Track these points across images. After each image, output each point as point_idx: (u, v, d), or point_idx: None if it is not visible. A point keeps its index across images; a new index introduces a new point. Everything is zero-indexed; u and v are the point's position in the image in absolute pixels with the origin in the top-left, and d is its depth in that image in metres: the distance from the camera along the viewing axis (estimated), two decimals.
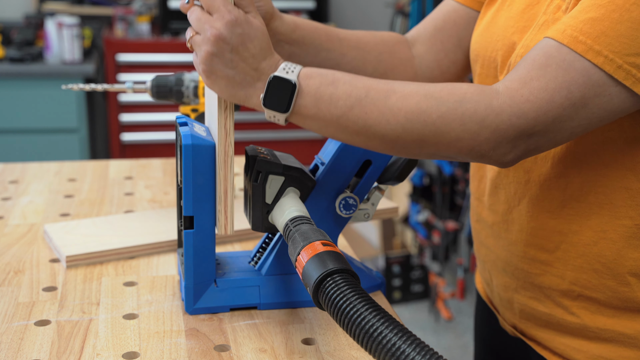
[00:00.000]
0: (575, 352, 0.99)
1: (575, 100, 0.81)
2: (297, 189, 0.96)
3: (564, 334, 1.00)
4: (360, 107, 0.84)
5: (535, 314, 1.03)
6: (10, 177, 1.55)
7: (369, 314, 0.71)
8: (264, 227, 0.97)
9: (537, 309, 1.02)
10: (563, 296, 0.99)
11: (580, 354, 0.99)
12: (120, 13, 3.52)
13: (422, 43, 1.14)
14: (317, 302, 0.77)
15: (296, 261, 0.82)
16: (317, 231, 0.84)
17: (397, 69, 1.12)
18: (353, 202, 0.99)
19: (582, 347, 0.99)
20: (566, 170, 0.94)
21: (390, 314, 0.77)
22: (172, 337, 0.92)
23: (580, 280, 0.96)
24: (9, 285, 1.06)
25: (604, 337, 0.97)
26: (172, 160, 1.70)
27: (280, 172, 0.95)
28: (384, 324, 0.69)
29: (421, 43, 1.14)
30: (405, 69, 1.13)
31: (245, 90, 0.87)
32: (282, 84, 0.84)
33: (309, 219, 0.88)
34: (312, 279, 0.77)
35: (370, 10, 4.12)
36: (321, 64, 1.06)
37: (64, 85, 1.32)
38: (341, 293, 0.73)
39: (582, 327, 0.98)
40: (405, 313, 3.21)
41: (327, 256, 0.78)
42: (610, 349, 0.97)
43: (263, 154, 0.97)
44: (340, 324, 0.73)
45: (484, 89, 0.83)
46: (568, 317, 0.99)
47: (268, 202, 0.96)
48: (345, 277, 0.75)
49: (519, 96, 0.81)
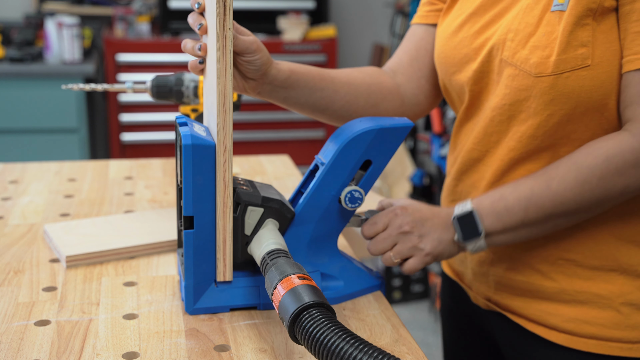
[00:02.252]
0: (551, 317, 1.03)
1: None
2: (276, 220, 0.97)
3: (540, 300, 1.04)
4: (532, 204, 0.96)
5: (512, 284, 1.07)
6: (10, 177, 1.55)
7: (346, 344, 0.72)
8: (243, 258, 0.98)
9: (514, 278, 1.06)
10: (542, 262, 1.03)
11: (556, 318, 1.03)
12: (120, 13, 3.52)
13: (402, 74, 1.20)
14: (292, 335, 0.79)
15: (272, 295, 0.83)
16: (293, 265, 0.86)
17: (387, 99, 1.17)
18: (359, 195, 0.99)
19: (557, 311, 1.03)
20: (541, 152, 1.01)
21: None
22: (172, 337, 0.92)
23: (560, 244, 1.02)
24: (8, 285, 1.06)
25: (579, 300, 1.01)
26: (172, 160, 1.70)
27: (259, 204, 0.96)
28: (362, 351, 0.71)
29: (401, 74, 1.20)
30: (394, 98, 1.18)
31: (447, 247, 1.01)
32: (465, 218, 0.98)
33: (286, 252, 0.90)
34: (289, 313, 0.78)
35: (370, 10, 4.12)
36: (316, 103, 1.11)
37: (64, 85, 1.32)
38: (317, 325, 0.75)
39: (559, 291, 1.02)
40: (405, 313, 3.21)
41: (303, 290, 0.80)
42: (586, 311, 1.01)
43: (242, 185, 0.98)
44: (318, 356, 0.74)
45: (620, 140, 0.92)
46: (545, 283, 1.03)
47: (247, 233, 0.96)
48: (321, 311, 0.77)
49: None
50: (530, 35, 0.97)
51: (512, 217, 0.97)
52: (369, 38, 4.13)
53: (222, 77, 0.91)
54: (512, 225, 0.97)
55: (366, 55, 4.15)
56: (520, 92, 0.98)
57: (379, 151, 1.00)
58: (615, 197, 0.94)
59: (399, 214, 1.00)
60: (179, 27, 3.57)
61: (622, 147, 0.92)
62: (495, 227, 0.98)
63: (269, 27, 3.71)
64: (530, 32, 0.97)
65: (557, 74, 0.94)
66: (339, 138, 0.99)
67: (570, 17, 0.93)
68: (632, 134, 0.92)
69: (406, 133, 1.00)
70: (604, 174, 0.92)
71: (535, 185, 0.96)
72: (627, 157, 0.91)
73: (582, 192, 0.93)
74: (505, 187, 0.99)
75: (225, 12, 0.89)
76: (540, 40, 0.95)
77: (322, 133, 3.74)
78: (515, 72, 0.98)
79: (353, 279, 1.06)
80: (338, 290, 1.04)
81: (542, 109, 0.97)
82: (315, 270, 1.02)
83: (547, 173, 0.96)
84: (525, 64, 0.97)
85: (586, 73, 0.93)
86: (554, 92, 0.95)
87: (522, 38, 0.98)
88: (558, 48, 0.93)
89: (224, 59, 0.91)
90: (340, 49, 4.08)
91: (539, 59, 0.95)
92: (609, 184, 0.92)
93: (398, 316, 1.01)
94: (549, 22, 0.95)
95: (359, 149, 0.98)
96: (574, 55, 0.93)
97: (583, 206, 0.95)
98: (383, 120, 1.00)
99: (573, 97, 0.95)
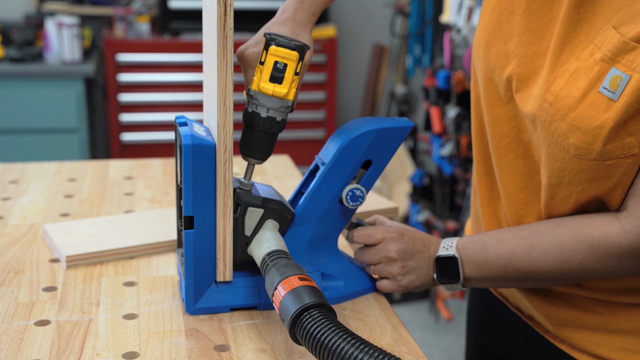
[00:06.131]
0: (596, 347, 0.99)
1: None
2: (276, 221, 0.97)
3: (582, 329, 1.00)
4: (512, 265, 0.96)
5: (548, 314, 1.04)
6: (10, 177, 1.55)
7: (347, 344, 0.72)
8: (243, 259, 0.98)
9: (549, 311, 1.03)
10: (580, 293, 1.00)
11: (602, 348, 0.99)
12: (120, 13, 3.52)
13: None
14: (293, 336, 0.79)
15: (273, 295, 0.83)
16: (294, 265, 0.86)
17: None
18: (360, 193, 0.99)
19: (603, 341, 0.99)
20: None
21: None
22: (172, 337, 0.92)
23: None
24: (9, 285, 1.05)
25: (626, 329, 0.97)
26: (172, 160, 1.70)
27: (259, 205, 0.96)
28: (363, 351, 0.71)
29: None
30: None
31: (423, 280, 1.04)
32: (448, 262, 1.00)
33: (286, 253, 0.91)
34: (289, 314, 0.78)
35: (370, 10, 4.12)
36: None
37: None
38: (318, 326, 0.75)
39: (604, 320, 0.99)
40: (405, 313, 3.21)
41: (303, 291, 0.80)
42: (635, 340, 0.97)
43: (243, 185, 0.98)
44: (319, 357, 0.74)
45: (608, 232, 0.89)
46: (584, 316, 1.00)
47: (247, 234, 0.96)
48: (322, 312, 0.77)
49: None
50: (570, 109, 0.86)
51: (491, 271, 0.98)
52: (369, 38, 4.13)
53: (223, 77, 0.91)
54: (490, 278, 0.99)
55: (366, 55, 4.15)
56: (555, 162, 0.91)
57: (380, 151, 0.99)
58: (594, 278, 0.94)
59: (393, 239, 1.02)
60: (179, 27, 3.56)
61: (609, 239, 0.89)
62: (474, 275, 1.00)
63: None
64: (571, 105, 0.86)
65: (599, 161, 0.86)
66: (340, 138, 0.99)
67: (623, 111, 0.82)
68: (623, 230, 0.88)
69: (406, 133, 1.00)
70: (585, 260, 0.91)
71: (518, 248, 0.96)
72: (611, 250, 0.89)
73: (561, 269, 0.93)
74: (489, 237, 0.99)
75: (225, 12, 0.89)
76: (582, 122, 0.85)
77: (322, 133, 3.74)
78: (551, 141, 0.89)
79: (353, 279, 1.06)
80: (338, 290, 1.04)
81: (577, 183, 0.90)
82: (316, 271, 1.02)
83: (531, 239, 0.95)
84: (564, 140, 0.87)
85: (631, 160, 0.85)
86: (592, 175, 0.88)
87: (562, 109, 0.87)
88: (604, 140, 0.84)
89: (224, 59, 0.90)
90: (340, 49, 4.08)
91: (579, 142, 0.85)
92: (588, 268, 0.91)
93: (398, 316, 1.01)
94: (594, 105, 0.84)
95: (360, 149, 0.98)
96: (621, 145, 0.84)
97: (560, 279, 0.95)
98: (383, 120, 1.00)
99: (613, 180, 0.88)
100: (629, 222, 0.87)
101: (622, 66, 0.82)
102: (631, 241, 0.87)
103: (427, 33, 3.31)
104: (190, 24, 3.57)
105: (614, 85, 0.83)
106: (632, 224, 0.87)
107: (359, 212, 1.29)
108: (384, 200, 1.39)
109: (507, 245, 0.97)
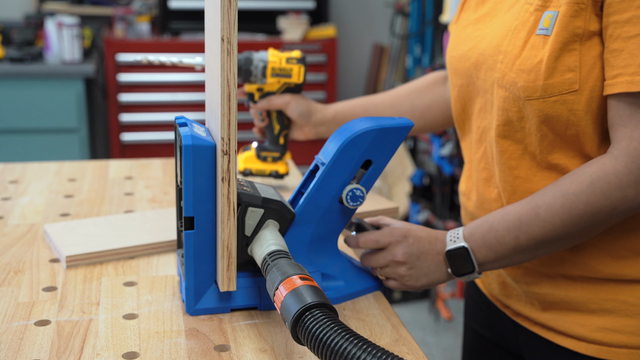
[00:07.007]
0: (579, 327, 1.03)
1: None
2: (277, 221, 0.97)
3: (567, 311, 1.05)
4: (522, 233, 0.96)
5: (537, 297, 1.08)
6: (10, 177, 1.55)
7: (349, 344, 0.72)
8: (243, 259, 0.97)
9: (538, 292, 1.07)
10: (565, 273, 1.04)
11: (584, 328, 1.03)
12: (120, 13, 3.52)
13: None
14: (295, 336, 0.79)
15: (274, 295, 0.83)
16: (294, 265, 0.86)
17: (432, 108, 1.31)
18: (360, 193, 0.99)
19: (585, 322, 1.03)
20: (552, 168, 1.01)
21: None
22: (172, 337, 0.92)
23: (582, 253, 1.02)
24: (9, 285, 1.06)
25: (607, 308, 1.01)
26: (172, 160, 1.70)
27: (259, 205, 0.96)
28: (365, 351, 0.71)
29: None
30: (439, 105, 1.31)
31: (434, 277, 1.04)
32: (459, 254, 1.00)
33: (287, 253, 0.90)
34: (291, 313, 0.78)
35: (370, 10, 4.12)
36: None
37: (135, 59, 1.37)
38: (320, 326, 0.75)
39: (586, 300, 1.03)
40: (405, 313, 3.21)
41: (305, 290, 0.80)
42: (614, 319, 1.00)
43: (243, 186, 0.98)
44: (321, 356, 0.75)
45: (602, 163, 0.92)
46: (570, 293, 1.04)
47: (247, 234, 0.96)
48: (324, 311, 0.77)
49: (633, 149, 0.91)
50: (516, 57, 0.97)
51: (503, 246, 0.98)
52: (369, 38, 4.13)
53: (226, 72, 0.88)
54: (504, 255, 0.99)
55: (366, 55, 4.15)
56: (512, 114, 1.00)
57: (380, 151, 0.99)
58: (604, 221, 0.94)
59: (399, 242, 1.02)
60: (179, 27, 3.57)
61: (605, 170, 0.91)
62: (488, 258, 0.99)
63: (269, 27, 3.71)
64: (516, 54, 0.97)
65: (544, 98, 0.94)
66: (339, 138, 0.99)
67: (555, 42, 0.93)
68: (613, 157, 0.92)
69: (406, 133, 1.00)
70: (590, 199, 0.92)
71: (524, 214, 0.96)
72: (610, 179, 0.91)
73: (570, 218, 0.93)
74: (493, 216, 0.99)
75: (230, 4, 0.86)
76: (525, 64, 0.96)
77: None
78: (506, 95, 0.99)
79: (353, 279, 1.06)
80: (338, 290, 1.04)
81: (536, 129, 0.97)
82: (316, 271, 1.02)
83: (534, 201, 0.96)
84: (514, 87, 0.97)
85: (574, 97, 0.93)
86: (544, 114, 0.95)
87: (509, 61, 0.98)
88: (545, 73, 0.93)
89: (229, 56, 0.87)
90: (340, 49, 4.08)
91: (525, 82, 0.95)
92: (595, 208, 0.92)
93: (398, 316, 1.01)
94: (534, 46, 0.95)
95: (360, 149, 0.98)
96: (562, 80, 0.93)
97: (573, 232, 0.94)
98: (383, 120, 1.00)
99: (562, 120, 0.95)
100: (616, 148, 0.92)
101: (552, 7, 0.95)
102: (625, 163, 0.91)
103: (427, 33, 3.31)
104: (190, 24, 3.57)
105: (547, 23, 0.95)
106: (619, 147, 0.92)
107: (359, 212, 1.29)
108: (384, 200, 1.39)
109: (512, 216, 0.97)
